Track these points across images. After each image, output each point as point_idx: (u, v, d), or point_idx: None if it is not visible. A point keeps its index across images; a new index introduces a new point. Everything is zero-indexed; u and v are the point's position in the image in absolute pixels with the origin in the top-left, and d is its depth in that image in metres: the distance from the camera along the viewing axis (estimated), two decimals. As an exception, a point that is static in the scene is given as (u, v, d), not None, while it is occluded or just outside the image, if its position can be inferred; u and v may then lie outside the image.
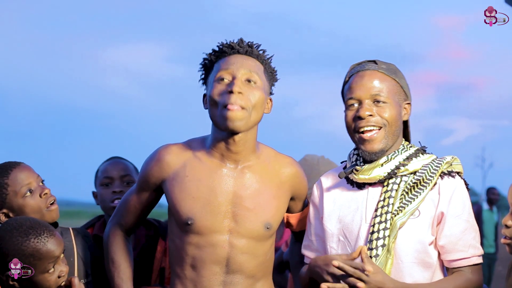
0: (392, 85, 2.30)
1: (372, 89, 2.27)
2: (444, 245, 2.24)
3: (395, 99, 2.30)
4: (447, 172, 2.29)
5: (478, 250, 2.27)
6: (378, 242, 2.20)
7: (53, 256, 2.12)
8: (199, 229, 2.31)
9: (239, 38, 2.38)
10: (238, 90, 2.25)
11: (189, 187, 2.33)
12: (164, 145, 2.42)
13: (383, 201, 2.25)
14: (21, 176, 2.33)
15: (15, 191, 2.32)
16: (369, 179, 2.29)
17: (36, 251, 2.09)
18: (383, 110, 2.27)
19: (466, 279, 2.24)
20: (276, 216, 2.38)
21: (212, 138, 2.36)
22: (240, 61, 2.31)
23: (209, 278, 2.31)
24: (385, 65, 2.33)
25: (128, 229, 2.49)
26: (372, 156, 2.27)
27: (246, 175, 2.35)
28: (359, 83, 2.29)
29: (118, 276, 2.39)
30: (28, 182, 2.33)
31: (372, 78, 2.29)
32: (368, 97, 2.27)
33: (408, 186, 2.25)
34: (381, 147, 2.27)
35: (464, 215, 2.26)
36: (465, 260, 2.25)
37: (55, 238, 2.15)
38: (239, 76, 2.28)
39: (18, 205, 2.32)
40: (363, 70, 2.32)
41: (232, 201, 2.33)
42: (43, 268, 2.11)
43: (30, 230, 2.11)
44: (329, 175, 2.46)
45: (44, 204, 2.35)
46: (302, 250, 2.47)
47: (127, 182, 2.96)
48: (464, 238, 2.25)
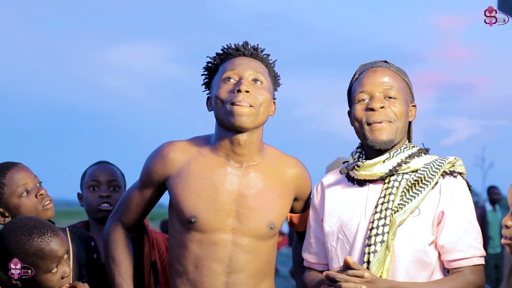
0: (402, 84, 2.35)
1: (384, 84, 2.31)
2: (444, 245, 2.24)
3: (404, 97, 2.33)
4: (449, 172, 2.29)
5: (479, 251, 2.26)
6: (376, 238, 2.20)
7: (56, 256, 2.12)
8: (202, 227, 2.30)
9: (244, 41, 2.39)
10: (245, 89, 2.26)
11: (193, 185, 2.32)
12: (168, 142, 2.40)
13: (383, 198, 2.26)
14: (18, 177, 2.36)
15: (12, 191, 2.34)
16: (370, 175, 2.30)
17: (39, 250, 2.09)
18: (394, 105, 2.30)
19: (465, 280, 2.21)
20: (280, 216, 2.38)
21: (218, 138, 2.36)
22: (246, 63, 2.33)
23: (211, 278, 2.30)
24: (395, 66, 2.39)
25: (129, 226, 2.48)
26: (381, 145, 2.28)
27: (250, 175, 2.35)
28: (372, 77, 2.32)
29: (118, 274, 2.37)
30: (24, 183, 2.36)
31: (384, 74, 2.33)
32: (380, 91, 2.30)
33: (409, 184, 2.25)
34: (390, 137, 2.28)
35: (465, 215, 2.25)
36: (465, 260, 2.23)
37: (59, 238, 2.15)
38: (245, 76, 2.30)
39: (14, 204, 2.34)
40: (375, 67, 2.36)
41: (236, 200, 2.33)
42: (46, 267, 2.10)
43: (34, 230, 2.11)
44: (330, 175, 2.47)
45: (39, 204, 2.37)
46: (302, 252, 2.48)
47: (114, 187, 2.98)
48: (464, 238, 2.24)
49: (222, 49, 2.39)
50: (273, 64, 2.43)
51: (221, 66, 2.37)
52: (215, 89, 2.34)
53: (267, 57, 2.40)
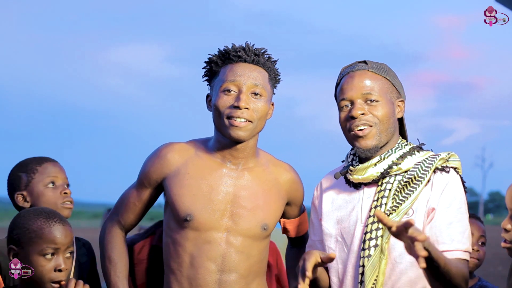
0: (383, 83, 2.32)
1: (363, 88, 2.29)
2: (428, 237, 2.20)
3: (387, 97, 2.31)
4: (441, 168, 2.27)
5: (463, 245, 2.20)
6: (370, 242, 2.20)
7: (54, 242, 2.12)
8: (197, 226, 2.35)
9: (246, 44, 2.39)
10: (244, 106, 2.31)
11: (189, 184, 2.37)
12: (166, 143, 2.46)
13: (376, 201, 2.26)
14: (51, 169, 2.56)
15: (41, 179, 2.52)
16: (363, 179, 2.30)
17: (40, 229, 2.12)
18: (375, 109, 2.28)
19: (460, 266, 2.15)
20: (273, 218, 2.44)
21: (215, 141, 2.41)
22: (247, 73, 2.35)
23: (204, 276, 2.34)
24: (375, 64, 2.35)
25: (127, 227, 2.51)
26: (366, 152, 2.28)
27: (245, 177, 2.41)
28: (350, 83, 2.30)
29: (114, 274, 2.41)
30: (55, 176, 2.55)
31: (363, 78, 2.30)
32: (360, 97, 2.29)
33: (401, 185, 2.25)
34: (374, 143, 2.27)
35: (452, 209, 2.22)
36: (448, 253, 2.17)
37: (64, 228, 2.16)
38: (244, 90, 2.33)
39: (38, 192, 2.51)
40: (353, 71, 2.33)
41: (232, 201, 2.38)
42: (40, 249, 2.11)
43: (44, 213, 2.18)
44: (328, 177, 2.47)
45: (60, 200, 2.52)
46: (306, 249, 2.49)
47: None
48: (447, 231, 2.19)
49: (224, 50, 2.39)
50: (274, 63, 2.43)
51: (222, 69, 2.38)
52: (214, 97, 2.37)
53: (268, 60, 2.41)
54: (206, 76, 2.44)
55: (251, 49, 2.38)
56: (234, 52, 2.37)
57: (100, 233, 2.52)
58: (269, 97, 2.41)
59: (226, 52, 2.38)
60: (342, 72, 2.38)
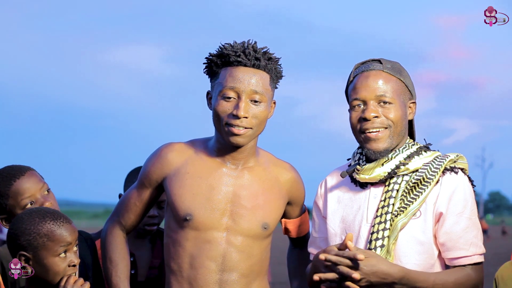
0: (397, 85, 2.30)
1: (377, 90, 2.27)
2: (444, 243, 2.22)
3: (400, 99, 2.29)
4: (450, 168, 2.27)
5: (480, 248, 2.24)
6: (377, 242, 2.20)
7: (65, 241, 2.17)
8: (197, 225, 2.35)
9: (247, 45, 2.35)
10: (243, 115, 2.30)
11: (189, 184, 2.38)
12: (166, 143, 2.47)
13: (383, 201, 2.25)
14: (24, 187, 2.39)
15: (16, 203, 2.39)
16: (370, 178, 2.29)
17: (50, 232, 2.16)
18: (389, 111, 2.26)
19: (467, 274, 2.20)
20: (274, 217, 2.43)
21: (215, 141, 2.42)
22: (246, 80, 2.32)
23: (205, 276, 2.34)
24: (390, 64, 2.32)
25: (128, 227, 2.51)
26: (377, 155, 2.27)
27: (245, 176, 2.41)
28: (364, 83, 2.28)
29: (115, 275, 2.41)
30: (30, 195, 2.40)
31: (377, 79, 2.28)
32: (373, 98, 2.26)
33: (409, 186, 2.24)
34: (385, 146, 2.27)
35: (466, 213, 2.23)
36: (466, 258, 2.22)
37: (70, 226, 2.22)
38: (244, 98, 2.32)
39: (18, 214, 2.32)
40: (367, 70, 2.31)
41: (232, 200, 2.38)
42: (54, 250, 2.16)
43: (48, 214, 2.20)
44: (334, 174, 2.46)
45: None
46: (308, 247, 2.49)
47: None
48: (465, 236, 2.22)
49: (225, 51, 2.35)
50: (276, 63, 2.40)
51: (222, 71, 2.35)
52: (214, 100, 2.37)
53: (270, 62, 2.37)
54: (207, 74, 2.43)
55: (251, 52, 2.34)
56: (234, 56, 2.33)
57: (101, 234, 2.53)
58: (270, 99, 2.39)
59: (226, 55, 2.34)
60: (355, 70, 2.34)
